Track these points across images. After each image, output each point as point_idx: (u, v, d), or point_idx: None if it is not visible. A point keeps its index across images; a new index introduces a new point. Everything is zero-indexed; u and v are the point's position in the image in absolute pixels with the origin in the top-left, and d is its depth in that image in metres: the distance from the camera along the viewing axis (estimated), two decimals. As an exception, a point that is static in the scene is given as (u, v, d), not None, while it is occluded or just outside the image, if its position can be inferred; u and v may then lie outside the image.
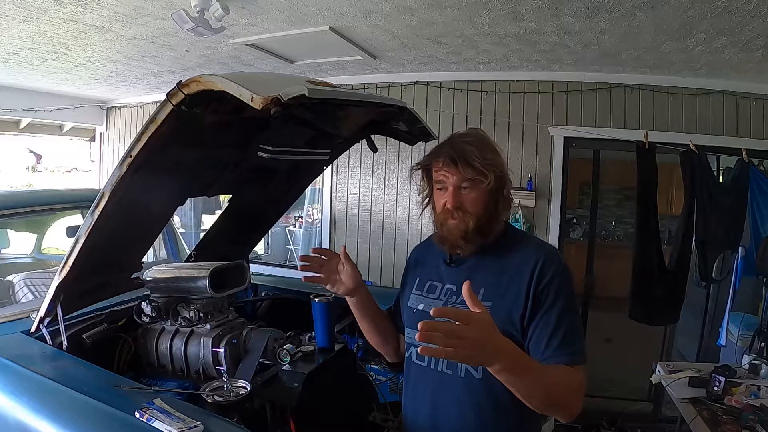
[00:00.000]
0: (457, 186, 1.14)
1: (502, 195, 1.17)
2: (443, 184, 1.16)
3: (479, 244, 1.16)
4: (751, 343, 2.66)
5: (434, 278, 1.24)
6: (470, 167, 1.11)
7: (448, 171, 1.14)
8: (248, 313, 2.20)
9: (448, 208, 1.15)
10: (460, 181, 1.13)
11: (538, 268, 1.09)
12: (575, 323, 1.09)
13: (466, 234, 1.13)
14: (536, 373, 0.95)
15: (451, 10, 2.42)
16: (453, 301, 1.17)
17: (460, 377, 1.12)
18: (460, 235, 1.14)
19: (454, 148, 1.13)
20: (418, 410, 1.22)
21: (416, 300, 1.25)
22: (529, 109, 3.65)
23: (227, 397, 1.34)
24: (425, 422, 1.19)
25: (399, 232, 4.01)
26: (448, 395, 1.15)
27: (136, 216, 1.49)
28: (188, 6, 2.28)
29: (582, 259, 3.73)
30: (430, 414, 1.18)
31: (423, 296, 1.24)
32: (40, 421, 1.16)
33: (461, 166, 1.11)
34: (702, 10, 2.17)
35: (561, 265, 1.12)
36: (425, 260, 1.30)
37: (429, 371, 1.17)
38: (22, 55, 3.38)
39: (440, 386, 1.16)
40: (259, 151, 1.61)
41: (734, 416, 2.02)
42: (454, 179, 1.13)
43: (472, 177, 1.12)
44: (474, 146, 1.13)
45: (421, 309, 1.22)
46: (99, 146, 5.67)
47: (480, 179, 1.12)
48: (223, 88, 1.04)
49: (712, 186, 3.08)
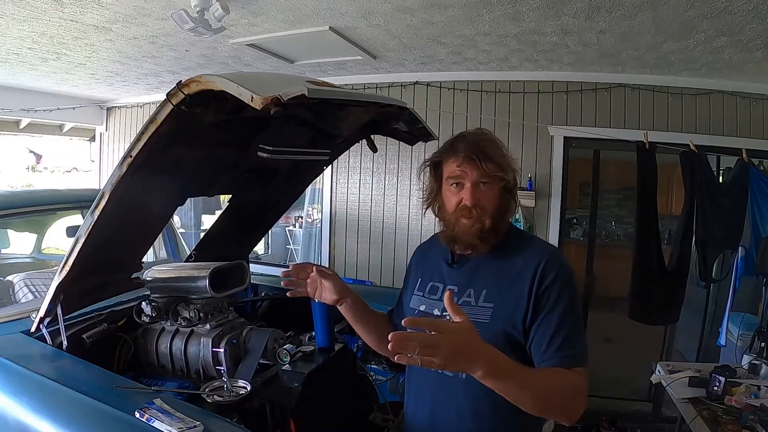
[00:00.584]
0: (476, 182, 1.12)
1: (513, 196, 1.17)
2: (460, 179, 1.14)
3: (493, 243, 1.15)
4: (751, 343, 2.66)
5: (436, 279, 1.23)
6: (492, 162, 1.10)
7: (468, 167, 1.11)
8: (248, 313, 2.20)
9: (465, 204, 1.13)
10: (480, 177, 1.12)
11: (540, 269, 1.09)
12: (577, 325, 1.08)
13: (482, 233, 1.12)
14: (523, 379, 0.94)
15: (451, 10, 2.42)
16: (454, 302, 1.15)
17: (461, 379, 1.11)
18: (476, 234, 1.12)
19: (471, 145, 1.12)
20: (418, 410, 1.22)
21: (418, 301, 1.24)
22: (529, 109, 3.65)
23: (227, 397, 1.34)
24: (424, 422, 1.19)
25: (399, 232, 4.01)
26: (448, 396, 1.15)
27: (136, 216, 1.49)
28: (188, 6, 2.28)
29: (582, 259, 3.73)
30: (429, 414, 1.18)
31: (425, 297, 1.23)
32: (40, 421, 1.16)
33: (483, 162, 1.10)
34: (702, 10, 2.17)
35: (564, 266, 1.12)
36: (427, 261, 1.30)
37: (430, 372, 1.14)
38: (22, 55, 3.38)
39: (440, 387, 1.16)
40: (259, 151, 1.61)
41: (734, 416, 2.02)
42: (474, 174, 1.11)
43: (493, 173, 1.11)
44: (491, 143, 1.14)
45: (422, 310, 1.22)
46: (99, 146, 5.67)
47: (500, 176, 1.12)
48: (223, 88, 1.04)
49: (712, 186, 3.08)
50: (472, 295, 1.14)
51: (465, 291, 1.15)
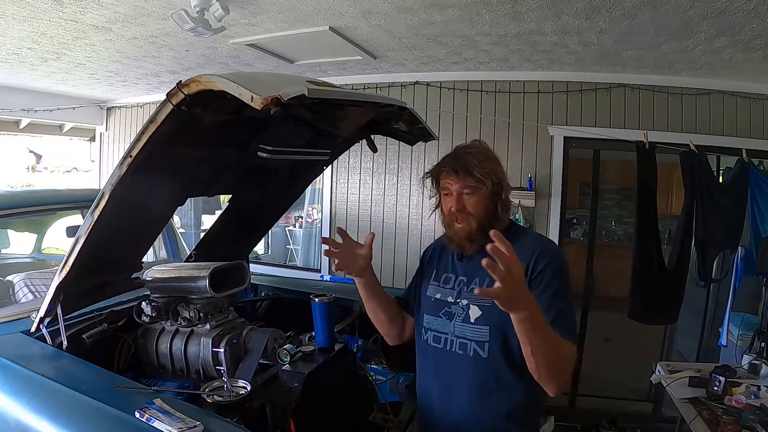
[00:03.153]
0: (460, 192, 1.30)
1: (501, 199, 1.32)
2: (448, 190, 1.32)
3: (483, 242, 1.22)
4: (751, 343, 2.66)
5: (449, 271, 1.40)
6: (470, 176, 1.27)
7: (451, 179, 1.30)
8: (248, 313, 2.20)
9: (452, 210, 1.30)
10: (462, 188, 1.29)
11: (534, 256, 1.23)
12: (568, 305, 1.22)
13: (470, 234, 1.29)
14: (548, 332, 1.08)
15: (451, 10, 2.42)
16: (465, 291, 1.33)
17: (470, 357, 1.27)
18: (464, 237, 1.30)
19: (457, 159, 1.30)
20: (431, 388, 1.36)
21: (434, 290, 1.40)
22: (529, 109, 3.65)
23: (227, 397, 1.34)
24: (438, 399, 1.34)
25: (399, 232, 4.01)
26: (459, 374, 1.30)
27: (136, 216, 1.49)
28: (188, 6, 2.28)
29: (582, 259, 3.73)
30: (443, 392, 1.33)
31: (440, 286, 1.40)
32: (40, 421, 1.16)
33: (462, 174, 1.28)
34: (702, 10, 2.17)
35: (556, 254, 1.28)
36: (441, 255, 1.46)
37: (444, 352, 1.32)
38: (22, 55, 3.38)
39: (452, 366, 1.31)
40: (259, 151, 1.61)
41: (734, 416, 2.02)
42: (456, 186, 1.30)
43: (471, 184, 1.28)
44: (475, 157, 1.29)
45: (438, 298, 1.38)
46: (99, 146, 5.67)
47: (478, 186, 1.28)
48: (223, 88, 1.04)
49: (712, 186, 3.08)
50: (477, 283, 1.29)
51: (473, 281, 1.32)
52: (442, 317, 1.34)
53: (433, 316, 1.37)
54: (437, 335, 1.34)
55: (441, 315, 1.34)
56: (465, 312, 1.29)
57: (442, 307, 1.35)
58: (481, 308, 1.27)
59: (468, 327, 1.28)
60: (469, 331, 1.28)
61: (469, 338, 1.27)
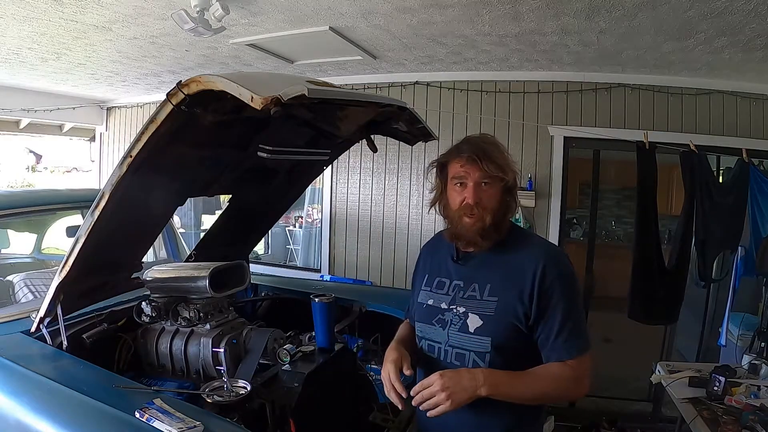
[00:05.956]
0: (478, 182, 1.19)
1: (514, 196, 1.24)
2: (464, 179, 1.20)
3: (494, 240, 1.22)
4: (751, 343, 2.66)
5: (443, 275, 1.30)
6: (493, 164, 1.17)
7: (470, 167, 1.18)
8: (248, 313, 2.20)
9: (468, 203, 1.19)
10: (482, 177, 1.18)
11: (540, 269, 1.15)
12: (579, 319, 1.17)
13: (483, 230, 1.19)
14: (523, 384, 1.09)
15: (451, 10, 2.42)
16: (460, 296, 1.23)
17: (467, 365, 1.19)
18: (477, 232, 1.19)
19: (475, 147, 1.19)
20: None
21: (426, 296, 1.30)
22: (529, 109, 3.65)
23: (227, 397, 1.34)
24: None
25: (399, 232, 4.00)
26: None
27: (136, 216, 1.49)
28: (188, 6, 2.28)
29: (582, 259, 3.73)
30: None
31: (432, 292, 1.29)
32: (40, 421, 1.16)
33: (484, 163, 1.17)
34: (702, 10, 2.17)
35: (564, 265, 1.19)
36: (434, 258, 1.35)
37: (439, 362, 1.23)
38: (22, 55, 3.38)
39: None
40: (259, 151, 1.61)
41: (734, 416, 2.02)
42: (476, 175, 1.18)
43: (494, 173, 1.17)
44: (493, 146, 1.21)
45: (430, 304, 1.28)
46: (99, 146, 5.67)
47: (500, 176, 1.19)
48: (223, 88, 1.04)
49: (712, 186, 3.08)
50: (476, 290, 1.21)
51: (470, 285, 1.22)
52: (435, 325, 1.23)
53: (425, 323, 1.26)
54: (431, 344, 1.24)
55: (434, 323, 1.23)
56: (462, 321, 1.19)
57: (435, 314, 1.24)
58: (482, 317, 1.16)
59: (465, 337, 1.18)
60: (467, 342, 1.17)
61: (468, 348, 1.17)
